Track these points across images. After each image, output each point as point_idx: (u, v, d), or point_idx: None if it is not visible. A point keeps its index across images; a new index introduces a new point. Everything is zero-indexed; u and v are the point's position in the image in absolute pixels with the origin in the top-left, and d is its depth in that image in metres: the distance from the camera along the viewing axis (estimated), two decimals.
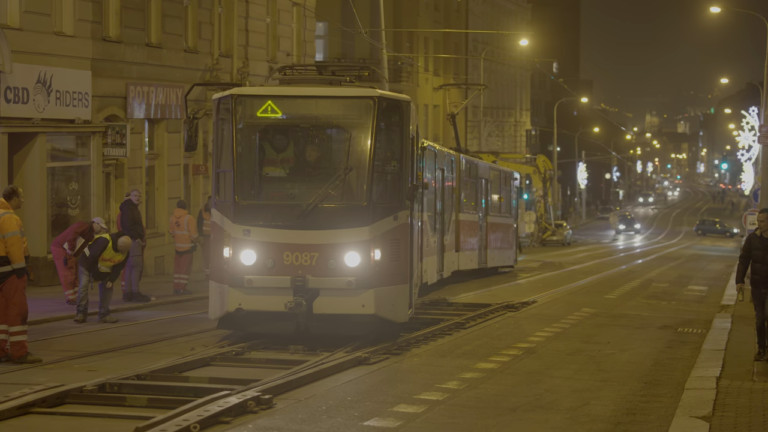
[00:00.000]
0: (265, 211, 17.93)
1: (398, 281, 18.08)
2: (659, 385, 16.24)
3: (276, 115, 18.24)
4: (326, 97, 18.61)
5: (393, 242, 17.89)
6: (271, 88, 19.63)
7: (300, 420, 13.04)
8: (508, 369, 17.58)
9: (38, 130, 30.11)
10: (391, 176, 18.35)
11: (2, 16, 28.90)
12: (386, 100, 18.07)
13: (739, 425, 12.72)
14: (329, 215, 17.67)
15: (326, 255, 17.26)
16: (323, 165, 18.50)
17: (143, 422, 12.03)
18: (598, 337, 22.25)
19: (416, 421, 13.19)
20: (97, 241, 22.34)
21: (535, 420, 13.52)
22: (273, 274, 17.27)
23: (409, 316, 19.43)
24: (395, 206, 18.09)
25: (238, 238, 17.48)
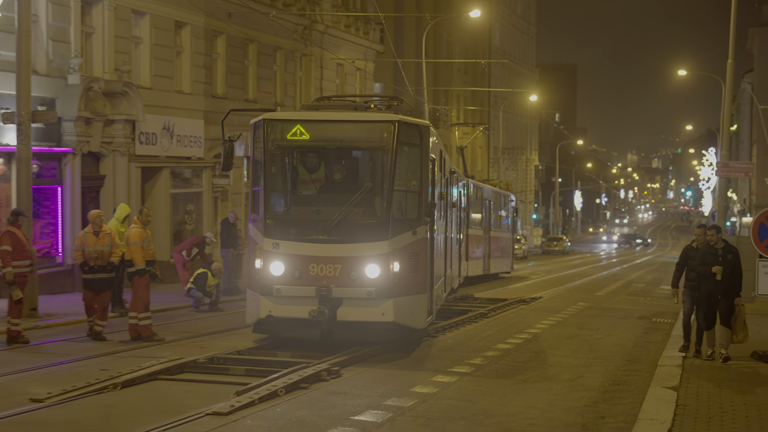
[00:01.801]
0: (293, 226, 15.95)
1: (417, 291, 16.02)
2: (638, 362, 16.20)
3: (304, 138, 16.12)
4: (350, 122, 16.56)
5: (412, 255, 15.93)
6: (300, 113, 18.29)
7: (361, 386, 13.09)
8: (520, 349, 17.56)
9: (164, 164, 30.42)
10: (411, 194, 16.30)
11: (137, 78, 29.22)
12: (406, 125, 16.09)
13: (699, 394, 12.68)
14: (352, 230, 15.56)
15: (349, 267, 15.30)
16: (347, 184, 16.38)
17: (242, 387, 12.39)
18: (590, 325, 22.20)
19: (449, 389, 13.23)
20: (199, 277, 22.71)
21: (542, 388, 13.54)
22: (300, 284, 15.38)
23: (429, 323, 17.24)
24: (414, 222, 16.07)
25: (268, 251, 15.61)
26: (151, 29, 30.33)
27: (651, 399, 12.23)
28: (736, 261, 15.41)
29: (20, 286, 16.58)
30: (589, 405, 12.37)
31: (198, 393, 12.54)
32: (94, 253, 17.21)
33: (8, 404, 11.47)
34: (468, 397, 12.70)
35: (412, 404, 12.07)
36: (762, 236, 16.05)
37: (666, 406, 11.74)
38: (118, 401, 11.98)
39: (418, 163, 16.23)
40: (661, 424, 10.69)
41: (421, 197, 16.16)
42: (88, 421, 10.84)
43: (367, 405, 11.87)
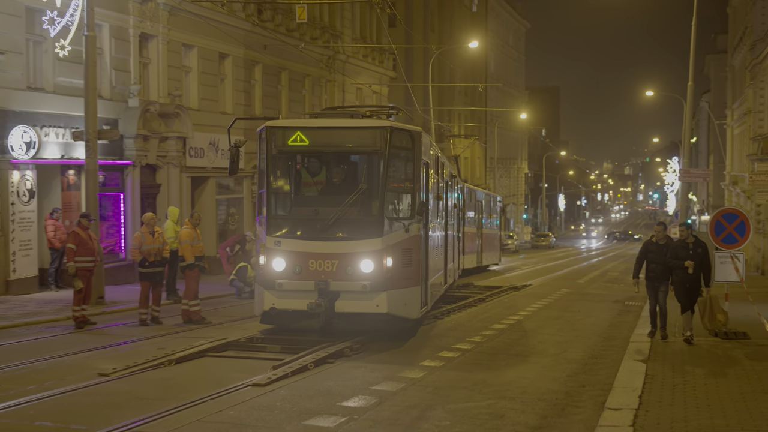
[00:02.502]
0: (293, 225, 14.92)
1: (410, 284, 14.89)
2: (613, 339, 16.15)
3: (304, 144, 15.03)
4: (346, 128, 15.54)
5: (405, 251, 14.79)
6: (300, 120, 16.82)
7: (378, 361, 13.11)
8: (513, 328, 17.53)
9: (210, 175, 30.50)
10: (404, 194, 15.29)
11: (187, 101, 29.29)
12: (398, 130, 15.00)
13: (665, 364, 12.65)
14: (348, 228, 14.50)
15: (345, 262, 14.23)
16: (344, 185, 15.20)
17: (277, 362, 12.46)
18: (572, 308, 22.14)
19: (453, 363, 13.26)
20: (240, 269, 22.71)
21: (532, 361, 13.54)
22: (300, 279, 14.32)
23: (422, 313, 15.93)
24: (407, 220, 14.91)
25: (270, 248, 14.59)
26: (198, 60, 30.45)
27: (624, 370, 12.22)
28: (705, 254, 14.91)
29: (82, 279, 16.64)
30: (572, 375, 12.38)
31: (240, 367, 12.58)
32: (153, 250, 17.34)
33: (80, 378, 11.58)
34: (469, 369, 12.72)
35: (422, 376, 12.10)
36: (718, 232, 16.01)
37: (637, 376, 11.72)
38: (173, 375, 12.04)
39: (410, 165, 15.26)
40: (633, 391, 10.68)
41: (414, 197, 15.19)
42: (147, 391, 10.89)
43: (384, 377, 11.89)
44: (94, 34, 20.92)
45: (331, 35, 41.64)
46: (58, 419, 9.38)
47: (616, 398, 10.32)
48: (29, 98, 22.85)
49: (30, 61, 23.26)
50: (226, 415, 9.66)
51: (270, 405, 10.19)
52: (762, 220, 35.81)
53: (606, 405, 10.00)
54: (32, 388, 10.92)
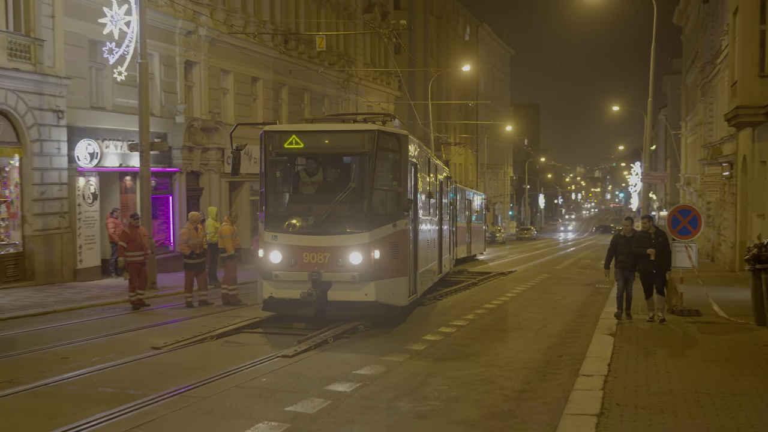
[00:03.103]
0: (288, 220, 13.81)
1: (397, 275, 13.90)
2: (586, 316, 16.11)
3: (299, 146, 14.08)
4: (337, 131, 14.58)
5: (392, 244, 13.78)
6: (296, 125, 15.87)
7: (387, 336, 13.10)
8: (501, 308, 17.51)
9: (244, 180, 30.45)
10: (391, 192, 14.10)
11: (224, 117, 29.29)
12: (385, 133, 14.00)
13: (630, 338, 12.60)
14: (338, 223, 13.52)
15: (336, 255, 13.30)
16: (336, 184, 14.22)
17: (302, 337, 12.46)
18: (551, 290, 22.11)
19: (450, 337, 13.24)
20: None
21: (517, 336, 13.51)
22: (295, 270, 13.41)
23: (410, 301, 14.86)
24: (394, 216, 13.87)
25: (268, 242, 13.71)
26: (234, 83, 30.47)
27: (595, 342, 12.19)
28: (666, 243, 14.40)
29: (132, 270, 16.66)
30: (551, 347, 12.36)
31: (270, 342, 12.59)
32: (197, 243, 17.41)
33: (135, 351, 11.60)
34: (464, 342, 12.70)
35: (424, 348, 12.09)
36: (674, 225, 15.93)
37: (606, 347, 11.70)
38: (214, 348, 12.05)
39: (397, 166, 14.17)
40: (603, 360, 10.65)
41: (401, 195, 14.10)
42: (193, 362, 10.90)
43: (392, 349, 11.89)
44: (146, 61, 20.95)
45: (346, 61, 41.65)
46: (117, 386, 9.41)
47: (588, 366, 10.30)
48: (92, 116, 22.95)
49: (92, 85, 23.36)
50: (259, 382, 9.68)
51: (296, 373, 10.20)
52: (712, 215, 35.69)
53: (580, 372, 9.98)
54: (96, 359, 10.96)
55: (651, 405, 8.28)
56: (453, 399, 8.90)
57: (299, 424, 7.80)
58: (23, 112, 20.46)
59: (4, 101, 19.91)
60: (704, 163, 35.44)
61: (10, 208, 20.78)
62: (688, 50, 51.87)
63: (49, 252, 21.40)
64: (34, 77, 20.58)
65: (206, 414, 8.18)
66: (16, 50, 20.18)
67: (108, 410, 8.19)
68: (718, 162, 31.52)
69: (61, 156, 21.69)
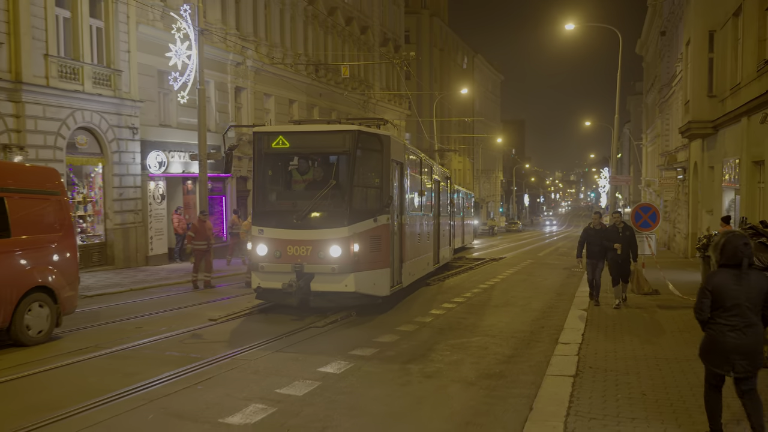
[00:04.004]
0: (274, 216, 12.33)
1: (379, 266, 12.41)
2: (563, 295, 16.01)
3: (285, 147, 12.57)
4: (321, 132, 12.77)
5: (373, 238, 12.26)
6: (283, 126, 14.36)
7: (398, 311, 13.05)
8: (493, 288, 17.44)
9: None
10: (372, 190, 12.58)
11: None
12: (366, 134, 12.45)
13: (600, 314, 12.50)
14: (320, 218, 12.04)
15: (317, 248, 11.84)
16: (319, 182, 12.78)
17: (331, 312, 12.33)
18: (535, 273, 22.01)
19: (452, 312, 13.19)
20: None
21: (506, 311, 13.44)
22: (279, 262, 12.00)
23: (394, 291, 13.18)
24: (375, 211, 12.31)
25: (255, 236, 12.34)
26: (275, 104, 30.48)
27: (572, 316, 12.11)
28: (632, 236, 13.43)
29: (197, 256, 16.69)
30: (535, 320, 12.29)
31: (302, 316, 12.53)
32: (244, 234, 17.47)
33: (195, 322, 11.65)
34: (463, 316, 12.66)
35: (430, 320, 12.06)
36: (637, 219, 15.78)
37: (580, 320, 11.63)
38: (258, 320, 12.03)
39: (379, 165, 12.62)
40: (578, 331, 10.59)
41: (382, 192, 12.54)
42: (242, 331, 10.93)
43: (404, 321, 11.88)
44: (203, 87, 21.02)
45: (366, 86, 41.60)
46: (181, 351, 9.45)
47: (566, 335, 10.24)
48: (160, 132, 23.05)
49: (161, 107, 23.46)
50: (296, 348, 9.68)
51: (326, 340, 10.21)
52: (668, 211, 35.42)
53: (559, 340, 9.93)
54: (164, 329, 11.02)
55: (618, 368, 8.24)
56: (454, 362, 8.88)
57: (328, 382, 7.82)
58: (105, 129, 20.60)
59: (90, 120, 20.06)
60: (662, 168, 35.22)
61: (95, 206, 20.95)
62: (648, 75, 51.52)
63: (126, 242, 21.56)
64: (113, 101, 20.71)
65: (253, 373, 8.22)
66: (99, 79, 20.32)
67: (174, 370, 8.25)
68: (674, 167, 31.33)
69: (136, 164, 21.81)
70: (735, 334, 5.36)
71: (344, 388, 7.55)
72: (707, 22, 22.64)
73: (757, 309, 5.38)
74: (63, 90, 18.96)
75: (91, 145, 20.44)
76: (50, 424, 6.26)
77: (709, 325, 5.52)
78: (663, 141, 38.84)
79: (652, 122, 47.89)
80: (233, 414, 6.56)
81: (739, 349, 5.35)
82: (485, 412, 6.73)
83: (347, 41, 39.21)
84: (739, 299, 5.35)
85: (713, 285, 5.46)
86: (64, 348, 9.58)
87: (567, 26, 29.90)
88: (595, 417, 6.32)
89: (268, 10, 30.42)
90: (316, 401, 7.06)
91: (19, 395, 7.28)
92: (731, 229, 5.80)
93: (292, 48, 32.33)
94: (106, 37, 20.82)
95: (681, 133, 25.36)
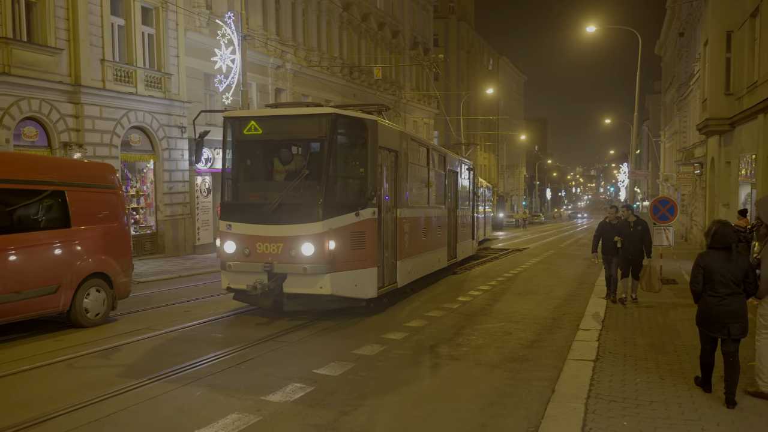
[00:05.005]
0: (243, 209, 10.45)
1: (362, 266, 10.46)
2: (584, 284, 15.82)
3: (258, 133, 10.59)
4: (295, 116, 10.61)
5: (355, 234, 10.31)
6: (255, 110, 12.04)
7: (425, 299, 13.01)
8: (517, 276, 17.29)
9: None
10: (354, 180, 10.57)
11: None
12: (345, 117, 10.42)
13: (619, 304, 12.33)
14: (291, 212, 10.07)
15: (288, 245, 9.96)
16: (293, 171, 10.73)
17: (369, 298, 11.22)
18: (557, 263, 21.76)
19: (478, 298, 13.11)
20: None
21: (529, 298, 13.31)
22: (248, 261, 10.18)
23: (382, 292, 11.20)
24: (357, 205, 10.32)
25: (223, 232, 10.46)
26: None
27: (592, 304, 11.94)
28: (645, 230, 11.95)
29: None
30: (557, 307, 12.16)
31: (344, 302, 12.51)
32: None
33: (239, 306, 11.69)
34: (488, 303, 12.58)
35: (458, 306, 12.00)
36: (655, 212, 15.52)
37: (601, 307, 11.45)
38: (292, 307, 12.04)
39: (363, 152, 10.61)
40: (598, 317, 10.44)
41: (366, 183, 10.48)
42: (282, 315, 10.87)
43: (433, 307, 11.83)
44: (246, 89, 21.13)
45: (397, 87, 41.48)
46: (225, 333, 9.53)
47: (586, 322, 10.11)
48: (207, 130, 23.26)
49: (207, 107, 23.65)
50: (333, 331, 9.70)
51: (363, 326, 10.21)
52: (685, 205, 34.74)
53: (580, 327, 9.80)
54: (210, 313, 11.12)
55: (636, 353, 8.10)
56: (480, 346, 8.82)
57: (362, 363, 7.82)
58: (156, 128, 20.89)
59: (143, 120, 20.36)
60: (679, 163, 34.56)
61: (147, 199, 21.27)
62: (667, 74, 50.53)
63: (176, 232, 21.85)
64: (164, 102, 20.98)
65: (292, 354, 8.26)
66: (151, 82, 20.59)
67: (219, 351, 8.32)
68: (691, 163, 30.72)
69: (184, 161, 22.07)
70: (723, 302, 6.11)
71: (377, 368, 7.55)
72: (725, 23, 22.12)
73: (740, 283, 6.12)
74: (118, 92, 19.26)
75: (143, 143, 20.76)
76: (106, 399, 6.38)
77: (703, 297, 6.25)
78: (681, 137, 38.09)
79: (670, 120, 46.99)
80: (274, 392, 6.61)
81: (729, 314, 6.09)
82: (510, 393, 6.67)
83: (379, 45, 39.10)
84: (725, 275, 6.11)
85: (705, 263, 6.22)
86: (119, 330, 9.75)
87: (588, 29, 29.40)
88: (615, 400, 6.22)
89: (306, 17, 30.48)
90: (351, 379, 7.08)
91: (79, 373, 7.43)
92: (721, 219, 6.43)
93: (329, 51, 32.35)
94: (156, 43, 21.08)
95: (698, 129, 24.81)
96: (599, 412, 5.89)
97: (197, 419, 5.82)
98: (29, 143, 17.27)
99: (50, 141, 17.75)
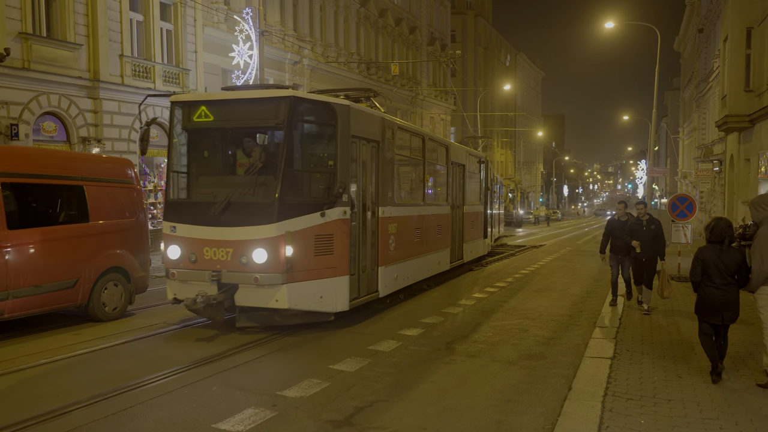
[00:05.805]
0: (189, 208, 8.89)
1: (329, 274, 8.84)
2: (600, 281, 15.69)
3: (209, 120, 8.95)
4: (249, 100, 8.86)
5: (320, 238, 8.68)
6: (207, 93, 10.53)
7: (445, 294, 12.94)
8: (534, 274, 17.19)
9: None
10: (320, 175, 8.96)
11: None
12: (306, 101, 8.77)
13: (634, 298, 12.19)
14: (242, 212, 8.45)
15: (238, 251, 8.38)
16: (247, 165, 9.17)
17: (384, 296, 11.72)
18: (573, 260, 21.61)
19: (493, 295, 13.04)
20: None
21: (546, 295, 13.22)
22: (195, 268, 8.61)
23: (357, 304, 9.61)
24: (322, 204, 8.70)
25: (167, 234, 8.92)
26: None
27: (608, 301, 11.84)
28: (659, 230, 10.68)
29: None
30: (573, 304, 12.07)
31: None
32: None
33: None
34: (504, 299, 12.51)
35: (473, 303, 11.96)
36: (674, 209, 15.33)
37: (618, 305, 11.34)
38: None
39: (331, 143, 8.98)
40: (615, 315, 10.34)
41: (333, 178, 8.82)
42: None
43: (450, 303, 11.79)
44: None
45: (414, 82, 41.38)
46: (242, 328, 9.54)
47: (603, 320, 10.02)
48: None
49: None
50: (353, 327, 9.67)
51: (382, 324, 10.19)
52: (704, 202, 34.33)
53: (597, 324, 9.72)
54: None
55: (654, 351, 8.00)
56: (496, 343, 8.77)
57: (379, 359, 7.80)
58: None
59: (161, 115, 20.47)
60: (698, 160, 34.17)
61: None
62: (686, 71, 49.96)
63: None
64: None
65: (309, 350, 8.26)
66: (169, 77, 20.71)
67: (236, 345, 8.34)
68: (710, 160, 30.35)
69: None
70: (719, 292, 6.64)
71: (393, 364, 7.53)
72: (745, 20, 21.82)
73: (733, 275, 6.64)
74: (136, 87, 19.38)
75: (161, 138, 20.87)
76: (122, 393, 6.41)
77: (701, 287, 6.76)
78: (699, 134, 37.64)
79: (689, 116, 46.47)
80: (290, 387, 6.61)
81: (724, 303, 6.63)
82: (526, 390, 6.62)
83: (397, 41, 39.02)
84: (720, 267, 6.65)
85: (703, 257, 6.75)
86: (136, 324, 9.80)
87: (607, 25, 29.10)
88: (632, 398, 6.15)
89: (324, 13, 30.48)
90: (366, 375, 7.07)
91: (96, 366, 7.49)
92: (719, 216, 6.98)
93: (346, 47, 32.33)
94: (175, 39, 21.18)
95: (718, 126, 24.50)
96: (616, 410, 5.82)
97: (214, 413, 5.84)
98: (48, 138, 17.45)
99: (69, 136, 17.92)
